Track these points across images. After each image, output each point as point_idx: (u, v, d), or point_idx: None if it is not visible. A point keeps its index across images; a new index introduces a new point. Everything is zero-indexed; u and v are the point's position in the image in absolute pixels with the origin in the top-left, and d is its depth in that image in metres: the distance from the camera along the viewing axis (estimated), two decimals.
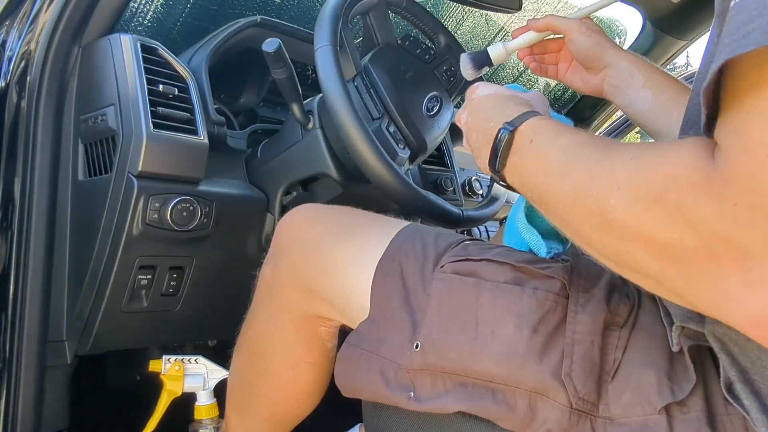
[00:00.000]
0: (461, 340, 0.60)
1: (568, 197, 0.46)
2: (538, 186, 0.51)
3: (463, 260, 0.65)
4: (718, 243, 0.36)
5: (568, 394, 0.55)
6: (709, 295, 0.38)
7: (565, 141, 0.50)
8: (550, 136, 0.52)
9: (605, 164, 0.44)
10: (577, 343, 0.56)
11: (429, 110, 1.06)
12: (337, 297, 0.74)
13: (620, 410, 0.54)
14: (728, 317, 0.38)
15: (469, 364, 0.59)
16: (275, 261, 0.81)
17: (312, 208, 0.84)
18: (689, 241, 0.38)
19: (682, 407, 0.52)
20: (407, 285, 0.67)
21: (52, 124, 0.99)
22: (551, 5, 1.85)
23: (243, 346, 0.87)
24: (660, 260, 0.40)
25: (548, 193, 0.50)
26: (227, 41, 1.14)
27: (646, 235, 0.40)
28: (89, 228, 0.97)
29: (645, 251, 0.41)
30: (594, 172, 0.44)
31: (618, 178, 0.42)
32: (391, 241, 0.71)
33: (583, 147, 0.48)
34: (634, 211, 0.40)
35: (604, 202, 0.42)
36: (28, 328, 0.97)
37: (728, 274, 0.37)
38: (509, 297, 0.60)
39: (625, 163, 0.42)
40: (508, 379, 0.58)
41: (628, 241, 0.41)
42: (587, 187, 0.44)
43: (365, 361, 0.67)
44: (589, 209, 0.44)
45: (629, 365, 0.55)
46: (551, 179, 0.49)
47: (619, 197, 0.41)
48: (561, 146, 0.49)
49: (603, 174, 0.43)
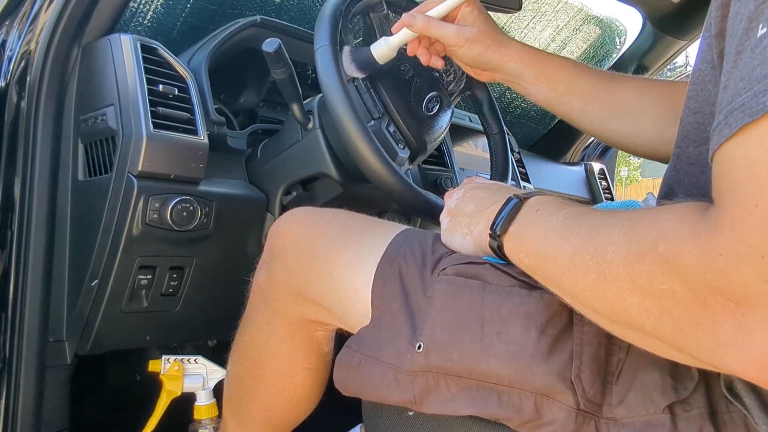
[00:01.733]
0: (466, 340, 0.60)
1: (566, 257, 0.48)
2: (536, 249, 0.54)
3: (466, 263, 0.64)
4: (708, 292, 0.38)
5: (576, 396, 0.55)
6: (706, 345, 0.39)
7: (569, 211, 0.52)
8: (556, 207, 0.54)
9: (604, 225, 0.46)
10: (585, 345, 0.56)
11: (429, 110, 1.06)
12: (335, 304, 0.73)
13: (624, 410, 0.54)
14: (729, 365, 0.39)
15: (475, 365, 0.59)
16: (269, 266, 0.80)
17: (305, 211, 0.83)
18: (680, 291, 0.39)
19: (684, 405, 0.52)
20: (406, 288, 0.66)
21: (52, 124, 0.99)
22: (551, 5, 1.85)
23: (238, 351, 0.86)
24: (655, 314, 0.41)
25: (547, 255, 0.51)
26: (227, 41, 1.14)
27: (639, 288, 0.41)
28: (89, 228, 0.97)
29: (640, 306, 0.42)
30: (593, 232, 0.47)
31: (614, 234, 0.44)
32: (388, 246, 0.70)
33: (585, 214, 0.50)
34: (627, 265, 0.42)
35: (600, 258, 0.44)
36: (28, 328, 0.97)
37: (722, 322, 0.38)
38: (516, 299, 0.59)
39: (622, 222, 0.45)
40: (514, 381, 0.57)
41: (624, 296, 0.43)
42: (586, 245, 0.46)
43: (365, 366, 0.66)
44: (586, 266, 0.46)
45: (633, 365, 0.55)
46: (551, 241, 0.51)
47: (614, 252, 0.43)
48: (565, 214, 0.52)
49: (601, 233, 0.46)
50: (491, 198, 0.65)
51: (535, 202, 0.58)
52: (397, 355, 0.63)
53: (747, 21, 0.38)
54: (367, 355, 0.66)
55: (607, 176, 2.18)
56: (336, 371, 0.70)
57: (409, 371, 0.62)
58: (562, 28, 1.93)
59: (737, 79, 0.38)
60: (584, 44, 1.99)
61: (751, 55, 0.37)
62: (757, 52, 0.36)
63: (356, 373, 0.67)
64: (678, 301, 0.39)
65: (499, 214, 0.59)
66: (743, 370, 0.38)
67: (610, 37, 1.99)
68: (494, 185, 0.70)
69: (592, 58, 2.02)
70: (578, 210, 0.52)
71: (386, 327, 0.66)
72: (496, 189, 0.68)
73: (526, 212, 0.57)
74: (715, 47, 0.43)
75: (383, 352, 0.65)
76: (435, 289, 0.64)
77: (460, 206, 0.69)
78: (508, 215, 0.58)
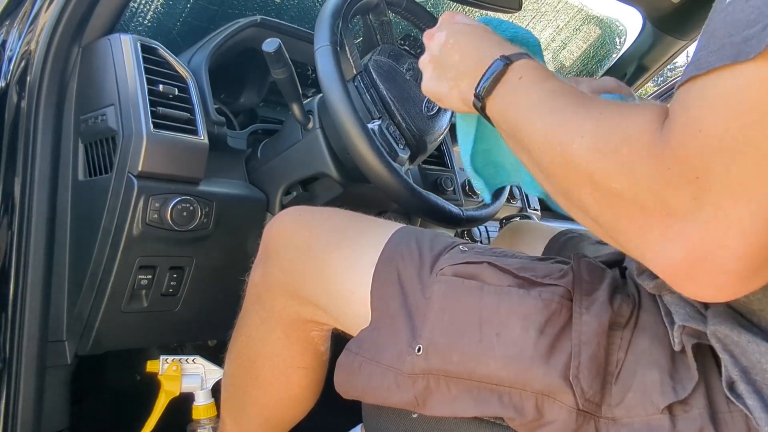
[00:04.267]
0: (465, 343, 0.59)
1: (538, 134, 0.52)
2: (513, 119, 0.56)
3: (464, 263, 0.64)
4: (650, 198, 0.42)
5: (575, 396, 0.55)
6: (634, 241, 0.45)
7: (550, 85, 0.54)
8: (539, 78, 0.56)
9: (577, 113, 0.49)
10: (584, 344, 0.56)
11: (429, 110, 1.06)
12: (330, 303, 0.73)
13: (624, 410, 0.54)
14: (648, 262, 0.45)
15: (475, 367, 0.59)
16: (264, 266, 0.80)
17: (300, 210, 0.82)
18: (628, 192, 0.44)
19: (684, 406, 0.52)
20: (405, 289, 0.66)
21: (52, 124, 0.99)
22: (551, 5, 1.85)
23: (234, 352, 0.86)
24: (601, 205, 0.46)
25: (522, 128, 0.54)
26: (227, 41, 1.14)
27: (594, 181, 0.46)
28: (89, 228, 0.97)
29: (591, 195, 0.47)
30: (566, 117, 0.50)
31: (584, 127, 0.48)
32: (385, 246, 0.70)
33: (564, 95, 0.52)
34: (589, 159, 0.46)
35: (567, 145, 0.48)
36: (28, 328, 0.97)
37: (653, 227, 0.43)
38: (514, 299, 0.59)
39: (593, 116, 0.48)
40: (515, 382, 0.57)
41: (580, 184, 0.47)
42: (556, 129, 0.50)
43: (366, 369, 0.66)
44: (553, 149, 0.50)
45: (632, 365, 0.55)
46: (528, 115, 0.54)
47: (580, 144, 0.47)
48: (545, 89, 0.54)
49: (573, 121, 0.49)
50: (477, 52, 0.63)
51: (519, 68, 0.58)
52: (397, 357, 0.63)
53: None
54: (368, 357, 0.66)
55: None
56: (336, 374, 0.69)
57: (410, 374, 0.62)
58: (562, 28, 1.93)
59: (704, 36, 0.42)
60: (584, 44, 1.99)
61: (718, 17, 0.41)
62: (721, 17, 0.41)
63: (357, 376, 0.66)
64: (623, 200, 0.44)
65: (484, 76, 0.59)
66: (655, 269, 0.44)
67: (610, 37, 1.98)
68: (479, 31, 0.67)
69: (592, 58, 2.02)
70: (556, 88, 0.54)
71: (386, 329, 0.66)
72: (480, 39, 0.65)
73: (509, 78, 0.58)
74: None
75: (383, 355, 0.65)
76: (433, 290, 0.63)
77: (444, 55, 0.67)
78: (492, 78, 0.58)
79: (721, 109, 0.39)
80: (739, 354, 0.49)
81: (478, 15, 1.77)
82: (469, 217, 1.04)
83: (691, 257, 0.41)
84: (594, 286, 0.60)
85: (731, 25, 0.40)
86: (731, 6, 0.40)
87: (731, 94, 0.39)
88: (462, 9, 1.72)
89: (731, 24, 0.40)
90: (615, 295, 0.60)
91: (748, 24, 0.39)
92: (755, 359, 0.48)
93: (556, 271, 0.63)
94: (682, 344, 0.53)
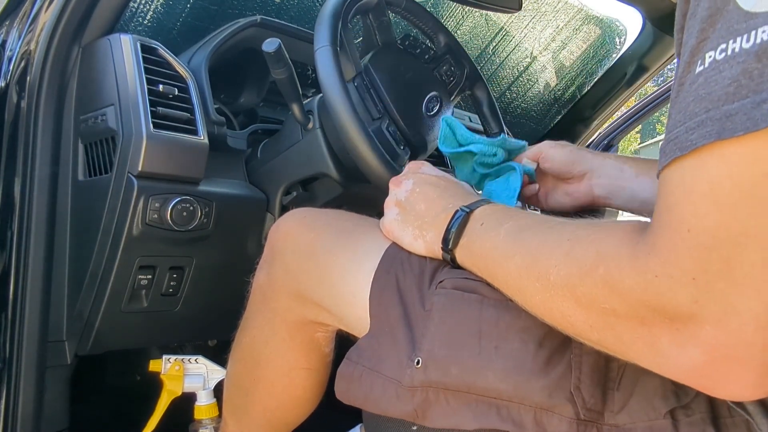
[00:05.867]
0: (465, 356, 0.59)
1: (513, 278, 0.52)
2: (485, 266, 0.57)
3: (464, 278, 0.63)
4: (646, 310, 0.40)
5: (576, 406, 0.54)
6: (646, 356, 0.43)
7: (512, 225, 0.55)
8: (500, 220, 0.57)
9: (545, 245, 0.49)
10: (585, 354, 0.55)
11: (429, 110, 1.06)
12: (334, 305, 0.73)
13: (626, 416, 0.54)
14: (666, 372, 0.42)
15: (474, 380, 0.58)
16: (269, 267, 0.80)
17: (305, 212, 0.82)
18: (620, 309, 0.42)
19: (686, 410, 0.52)
20: (404, 299, 0.66)
21: (52, 124, 0.99)
22: (551, 5, 1.85)
23: (238, 353, 0.86)
24: (598, 329, 0.45)
25: (495, 275, 0.55)
26: (227, 41, 1.14)
27: (583, 307, 0.44)
28: (89, 228, 0.97)
29: (585, 322, 0.45)
30: (535, 252, 0.49)
31: (555, 257, 0.47)
32: (385, 252, 0.70)
33: (528, 229, 0.53)
34: (570, 286, 0.45)
35: (545, 280, 0.47)
36: (28, 328, 0.97)
37: (659, 336, 0.41)
38: (513, 312, 0.59)
39: (561, 243, 0.47)
40: (513, 395, 0.57)
41: (569, 314, 0.46)
42: (529, 267, 0.49)
43: (367, 379, 0.65)
44: (533, 287, 0.49)
45: (634, 371, 0.55)
46: (497, 260, 0.54)
47: (556, 274, 0.46)
48: (509, 230, 0.54)
49: (543, 254, 0.48)
50: (441, 202, 0.66)
51: (479, 215, 0.60)
52: (397, 369, 0.63)
53: (689, 54, 0.39)
54: (368, 367, 0.66)
55: None
56: (337, 383, 0.69)
57: (409, 386, 0.61)
58: (562, 28, 1.93)
59: (677, 110, 0.39)
60: (584, 44, 1.99)
61: (689, 90, 0.39)
62: (693, 89, 0.38)
63: (357, 386, 0.66)
64: (619, 318, 0.42)
65: (449, 229, 0.61)
66: (680, 377, 0.42)
67: (610, 37, 1.98)
68: (443, 182, 0.70)
69: (592, 58, 2.02)
70: (519, 224, 0.54)
71: (385, 338, 0.66)
72: (445, 190, 0.68)
73: (472, 226, 0.60)
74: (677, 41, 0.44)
75: (383, 365, 0.64)
76: (433, 303, 0.63)
77: (410, 201, 0.70)
78: (457, 230, 0.60)
79: (709, 201, 0.36)
80: None
81: (478, 14, 1.77)
82: None
83: (712, 357, 0.39)
84: None
85: (706, 98, 0.37)
86: (702, 77, 0.37)
87: (719, 183, 0.36)
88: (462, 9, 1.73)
89: (706, 97, 0.37)
90: None
91: (727, 98, 0.36)
92: None
93: None
94: None
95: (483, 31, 1.82)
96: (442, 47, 1.13)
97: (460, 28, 1.78)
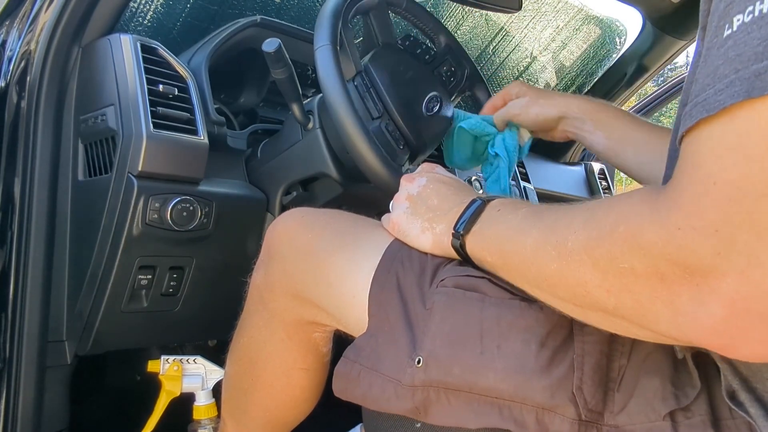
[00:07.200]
0: (466, 355, 0.59)
1: (529, 250, 0.52)
2: (498, 247, 0.57)
3: (465, 276, 0.63)
4: (666, 266, 0.40)
5: (578, 407, 0.54)
6: (664, 317, 0.42)
7: (528, 209, 0.56)
8: (515, 206, 0.58)
9: (564, 217, 0.49)
10: (587, 355, 0.55)
11: (429, 110, 1.06)
12: (332, 306, 0.73)
13: (626, 418, 0.54)
14: (686, 334, 0.41)
15: (475, 380, 0.58)
16: (266, 267, 0.80)
17: (302, 212, 0.82)
18: (640, 268, 0.42)
19: (686, 412, 0.52)
20: (404, 298, 0.65)
21: (52, 124, 0.99)
22: (551, 5, 1.85)
23: (235, 353, 0.86)
24: (616, 292, 0.44)
25: (509, 252, 0.55)
26: (227, 41, 1.14)
27: (601, 270, 0.44)
28: (89, 228, 0.97)
29: (601, 287, 0.45)
30: (554, 224, 0.50)
31: (574, 224, 0.47)
32: (385, 251, 0.70)
33: (545, 211, 0.54)
34: (588, 249, 0.45)
35: (562, 247, 0.47)
36: (28, 328, 0.97)
37: (680, 293, 0.40)
38: (515, 311, 0.59)
39: (581, 212, 0.48)
40: (515, 395, 0.56)
41: (586, 280, 0.46)
42: (547, 237, 0.50)
43: (365, 378, 0.65)
44: (549, 256, 0.49)
45: (634, 372, 0.55)
46: (513, 237, 0.55)
47: (575, 240, 0.46)
48: (524, 212, 0.56)
49: (561, 224, 0.49)
50: (456, 198, 0.67)
51: (496, 204, 0.61)
52: (397, 368, 0.63)
53: (717, 19, 0.40)
54: (367, 366, 0.65)
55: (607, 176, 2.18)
56: (335, 382, 0.69)
57: (410, 385, 0.61)
58: (562, 28, 1.93)
59: (704, 74, 0.40)
60: (584, 44, 1.99)
61: (717, 54, 0.39)
62: (722, 51, 0.39)
63: (356, 385, 0.66)
64: (638, 278, 0.42)
65: (463, 215, 0.62)
66: (698, 337, 0.41)
67: (610, 37, 1.99)
68: (457, 183, 0.72)
69: (592, 58, 2.02)
70: (537, 208, 0.56)
71: (385, 337, 0.65)
72: (459, 189, 0.70)
73: (488, 213, 0.61)
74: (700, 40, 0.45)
75: (382, 364, 0.64)
76: (434, 301, 0.63)
77: (422, 196, 0.71)
78: (471, 216, 0.61)
79: (736, 154, 0.37)
80: (739, 363, 0.49)
81: (478, 14, 1.77)
82: None
83: (732, 311, 0.38)
84: None
85: (736, 60, 0.38)
86: (731, 40, 0.38)
87: (747, 136, 0.37)
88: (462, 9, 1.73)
89: (735, 59, 0.38)
90: None
91: (756, 57, 0.37)
92: (755, 368, 0.48)
93: None
94: (684, 352, 0.53)
95: (483, 31, 1.82)
96: (442, 47, 1.13)
97: (460, 28, 1.78)
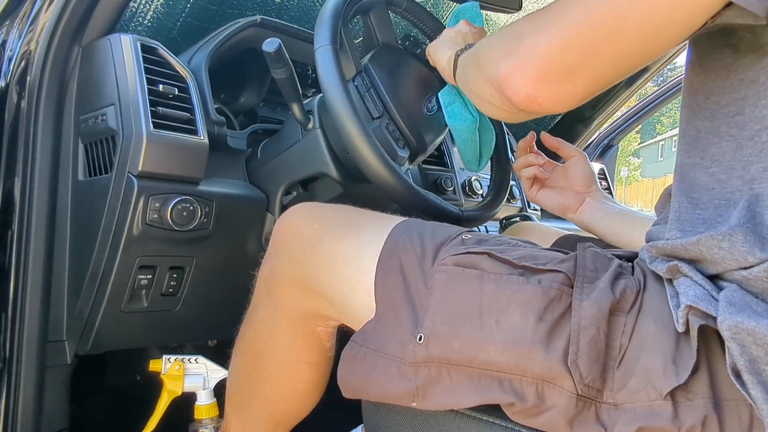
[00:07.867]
0: (466, 330, 0.60)
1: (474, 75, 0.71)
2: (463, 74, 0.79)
3: (464, 253, 0.65)
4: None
5: (574, 381, 0.55)
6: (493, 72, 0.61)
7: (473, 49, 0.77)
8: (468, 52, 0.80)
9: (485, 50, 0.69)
10: (582, 329, 0.56)
11: (429, 110, 1.06)
12: (336, 294, 0.74)
13: (626, 395, 0.54)
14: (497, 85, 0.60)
15: (475, 354, 0.59)
16: (273, 259, 0.81)
17: (309, 206, 0.84)
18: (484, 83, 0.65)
19: (687, 393, 0.53)
20: (408, 280, 0.67)
21: (52, 124, 0.99)
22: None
23: (241, 346, 0.87)
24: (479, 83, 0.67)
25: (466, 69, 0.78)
26: (227, 41, 1.14)
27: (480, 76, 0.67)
28: (89, 228, 0.97)
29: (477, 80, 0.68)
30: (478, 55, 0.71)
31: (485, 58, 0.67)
32: (387, 237, 0.71)
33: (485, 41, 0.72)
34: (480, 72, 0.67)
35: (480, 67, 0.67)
36: (28, 328, 0.97)
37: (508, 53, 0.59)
38: (514, 286, 0.60)
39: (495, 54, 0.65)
40: (514, 368, 0.58)
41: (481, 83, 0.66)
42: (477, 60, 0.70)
43: (370, 359, 0.67)
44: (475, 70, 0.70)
45: (636, 350, 0.55)
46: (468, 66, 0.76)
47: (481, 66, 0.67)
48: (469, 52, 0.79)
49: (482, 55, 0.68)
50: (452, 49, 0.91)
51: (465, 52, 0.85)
52: (400, 347, 0.64)
53: None
54: (372, 348, 0.67)
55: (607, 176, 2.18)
56: (340, 366, 0.70)
57: (412, 362, 0.63)
58: None
59: None
60: None
61: None
62: None
63: (360, 367, 0.67)
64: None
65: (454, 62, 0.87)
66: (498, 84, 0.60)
67: None
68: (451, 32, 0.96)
69: None
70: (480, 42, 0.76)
71: (389, 320, 0.67)
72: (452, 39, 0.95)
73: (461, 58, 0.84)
74: None
75: (387, 345, 0.66)
76: (435, 280, 0.64)
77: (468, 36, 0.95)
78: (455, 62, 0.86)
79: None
80: (751, 343, 0.49)
81: None
82: (469, 217, 1.05)
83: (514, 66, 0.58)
84: (597, 273, 0.61)
85: None
86: None
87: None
88: None
89: None
90: (618, 281, 0.60)
91: None
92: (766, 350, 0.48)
93: (557, 258, 0.63)
94: (686, 325, 0.53)
95: None
96: None
97: None
